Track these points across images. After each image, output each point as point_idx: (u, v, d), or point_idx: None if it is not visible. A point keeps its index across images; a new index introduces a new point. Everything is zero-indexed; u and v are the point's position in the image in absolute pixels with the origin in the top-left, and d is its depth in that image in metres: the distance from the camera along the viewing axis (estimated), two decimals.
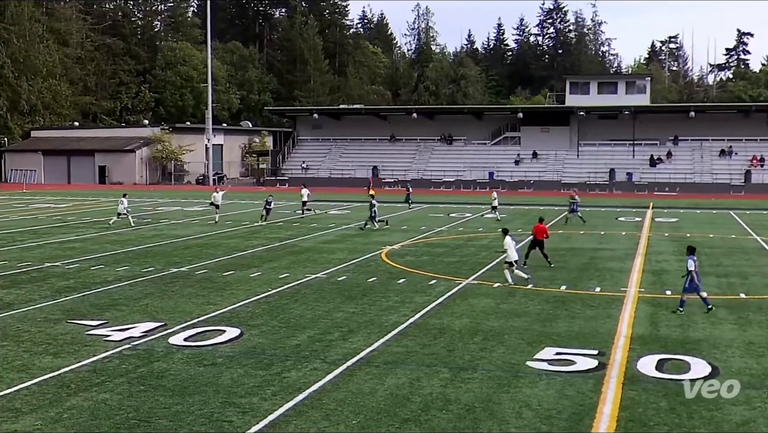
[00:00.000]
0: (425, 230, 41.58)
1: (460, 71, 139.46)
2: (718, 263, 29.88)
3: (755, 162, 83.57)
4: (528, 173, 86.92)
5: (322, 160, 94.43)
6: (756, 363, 15.69)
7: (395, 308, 20.99)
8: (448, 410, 12.81)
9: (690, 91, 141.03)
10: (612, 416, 12.56)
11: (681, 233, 40.03)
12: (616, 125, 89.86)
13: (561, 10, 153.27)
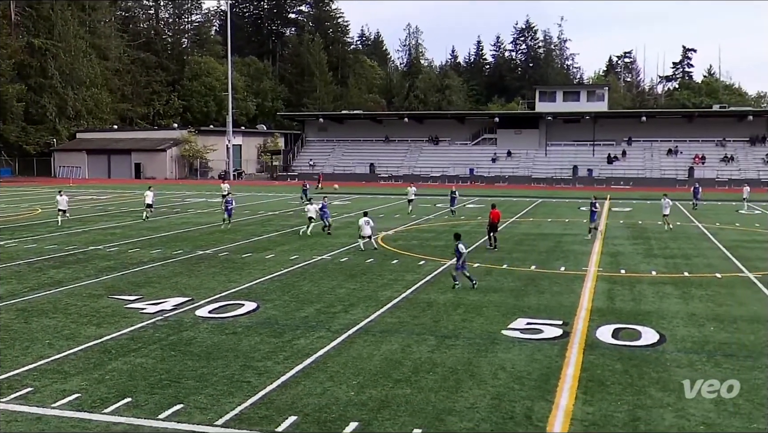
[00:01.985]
0: (415, 218, 41.63)
1: (445, 82, 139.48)
2: (666, 246, 29.99)
3: (697, 160, 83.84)
4: (503, 169, 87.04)
5: (326, 158, 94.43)
6: (697, 332, 15.80)
7: (389, 285, 21.04)
8: (435, 372, 12.88)
9: (642, 99, 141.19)
10: (574, 377, 12.64)
11: (634, 221, 40.18)
12: (579, 128, 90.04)
13: (532, 29, 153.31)
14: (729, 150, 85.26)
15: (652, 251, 28.58)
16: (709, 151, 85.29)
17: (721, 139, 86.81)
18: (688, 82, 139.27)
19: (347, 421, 10.57)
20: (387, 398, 11.57)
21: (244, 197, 57.21)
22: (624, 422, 10.64)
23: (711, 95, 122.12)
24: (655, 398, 11.61)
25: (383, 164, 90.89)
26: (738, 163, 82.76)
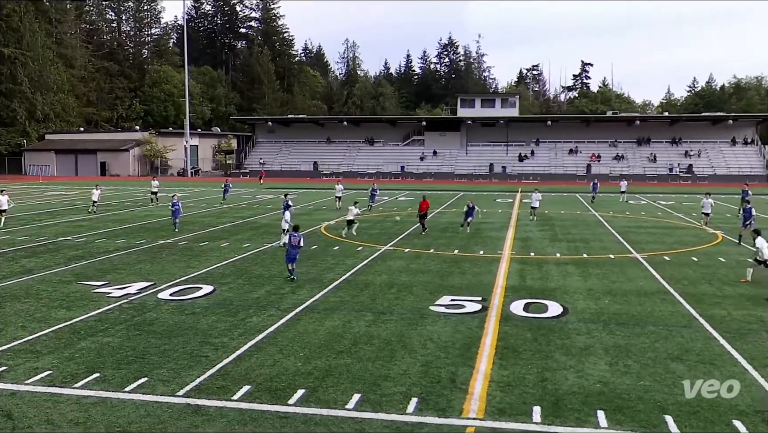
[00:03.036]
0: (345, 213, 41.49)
1: (379, 90, 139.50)
2: (568, 232, 30.68)
3: (593, 158, 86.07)
4: (430, 167, 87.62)
5: (275, 157, 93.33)
6: (594, 304, 16.26)
7: (332, 268, 20.98)
8: (372, 344, 12.94)
9: (547, 106, 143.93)
10: (492, 345, 12.86)
11: (541, 210, 40.94)
12: (494, 131, 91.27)
13: (453, 44, 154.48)
14: (620, 150, 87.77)
15: (556, 236, 29.22)
16: (604, 151, 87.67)
17: (613, 141, 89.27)
18: (586, 91, 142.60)
19: (295, 388, 10.53)
20: (330, 367, 11.57)
21: (201, 192, 56.15)
22: (534, 383, 10.89)
23: (605, 103, 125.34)
24: (559, 362, 11.92)
25: (325, 162, 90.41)
26: (627, 161, 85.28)
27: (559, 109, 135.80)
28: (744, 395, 10.34)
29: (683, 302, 16.41)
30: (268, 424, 9.25)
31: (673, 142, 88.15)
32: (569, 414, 9.63)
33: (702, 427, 9.20)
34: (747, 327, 14.18)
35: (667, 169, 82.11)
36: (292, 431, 9.02)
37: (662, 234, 30.05)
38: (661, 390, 10.55)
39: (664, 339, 13.30)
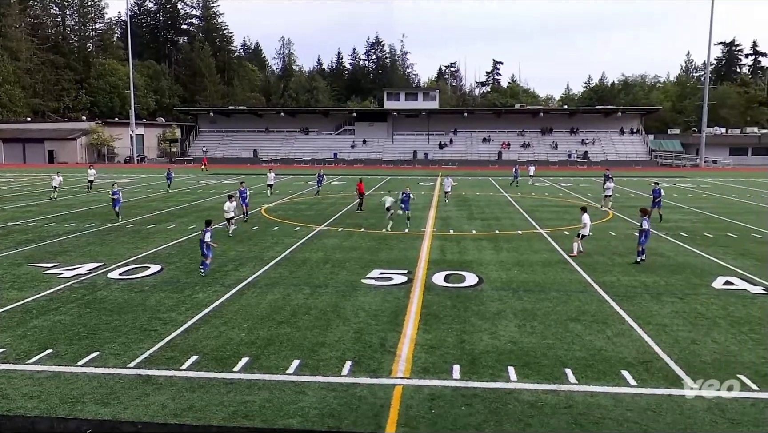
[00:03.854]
0: (291, 193, 41.15)
1: (313, 84, 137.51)
2: (482, 211, 31.28)
3: (504, 146, 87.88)
4: (360, 154, 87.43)
5: (217, 146, 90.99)
6: (505, 275, 16.70)
7: (272, 247, 20.74)
8: (310, 314, 12.91)
9: (464, 100, 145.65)
10: (417, 312, 13.05)
11: (458, 192, 41.60)
12: (417, 122, 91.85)
13: (380, 43, 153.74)
14: (527, 138, 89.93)
15: (472, 215, 29.77)
16: (513, 139, 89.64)
17: (521, 130, 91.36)
18: (497, 87, 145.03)
19: (240, 357, 10.42)
20: (272, 336, 11.49)
21: (147, 178, 54.22)
22: (454, 344, 11.14)
23: (514, 97, 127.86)
24: (476, 325, 12.22)
25: (264, 150, 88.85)
26: (533, 149, 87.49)
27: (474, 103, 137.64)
28: (631, 349, 10.90)
29: (580, 271, 17.06)
30: (215, 390, 9.13)
31: (572, 132, 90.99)
32: (484, 371, 9.91)
33: (596, 377, 9.65)
34: (633, 291, 14.90)
35: (566, 155, 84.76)
36: (237, 395, 8.93)
37: (563, 212, 31.05)
38: (562, 347, 10.98)
39: (564, 303, 13.81)
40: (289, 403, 8.70)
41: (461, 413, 8.41)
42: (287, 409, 8.52)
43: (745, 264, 18.00)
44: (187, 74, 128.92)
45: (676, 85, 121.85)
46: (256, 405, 8.62)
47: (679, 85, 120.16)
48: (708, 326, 12.14)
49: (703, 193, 41.95)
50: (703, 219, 28.10)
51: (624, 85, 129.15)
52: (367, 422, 8.16)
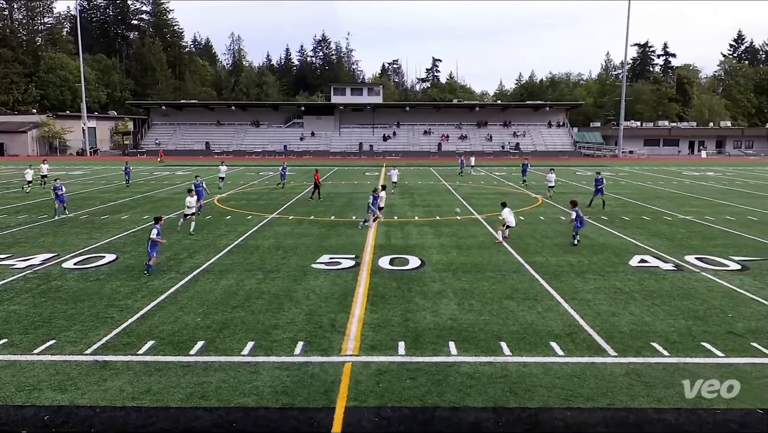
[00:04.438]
0: (242, 183, 40.40)
1: (263, 79, 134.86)
2: (424, 199, 31.56)
3: (443, 138, 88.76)
4: (309, 146, 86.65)
5: (169, 138, 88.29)
6: (445, 257, 16.93)
7: (225, 235, 20.34)
8: (263, 298, 12.76)
9: (406, 95, 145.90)
10: (364, 294, 13.09)
11: (402, 182, 41.77)
12: (363, 115, 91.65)
13: (327, 40, 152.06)
14: (464, 131, 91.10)
15: (415, 202, 30.00)
16: (451, 132, 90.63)
17: (458, 124, 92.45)
18: (437, 83, 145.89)
19: (195, 341, 10.22)
20: (226, 320, 11.31)
21: (100, 170, 52.18)
22: (399, 322, 11.24)
23: (452, 92, 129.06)
24: (419, 305, 12.36)
25: (216, 142, 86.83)
26: (470, 141, 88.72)
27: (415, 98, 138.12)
28: (558, 322, 11.26)
29: (513, 252, 17.47)
30: (172, 373, 8.93)
31: (505, 125, 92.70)
32: (427, 346, 10.05)
33: (527, 349, 9.93)
34: (560, 270, 15.37)
35: (500, 146, 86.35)
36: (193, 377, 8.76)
37: (497, 199, 31.53)
38: (498, 322, 11.24)
39: (499, 282, 14.13)
40: (244, 383, 8.60)
41: (406, 386, 8.52)
42: (242, 388, 8.43)
43: (657, 244, 18.84)
44: (138, 69, 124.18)
45: (597, 82, 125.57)
46: (212, 386, 8.48)
47: (599, 83, 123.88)
48: (625, 300, 12.66)
49: (621, 180, 43.54)
50: (621, 204, 29.19)
51: (551, 82, 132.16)
52: (319, 397, 8.16)
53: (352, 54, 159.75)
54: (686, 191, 35.52)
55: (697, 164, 66.53)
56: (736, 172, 53.03)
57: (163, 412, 7.76)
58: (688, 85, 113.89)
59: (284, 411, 7.79)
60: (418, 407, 7.92)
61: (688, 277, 14.59)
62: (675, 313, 11.81)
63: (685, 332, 10.74)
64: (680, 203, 29.54)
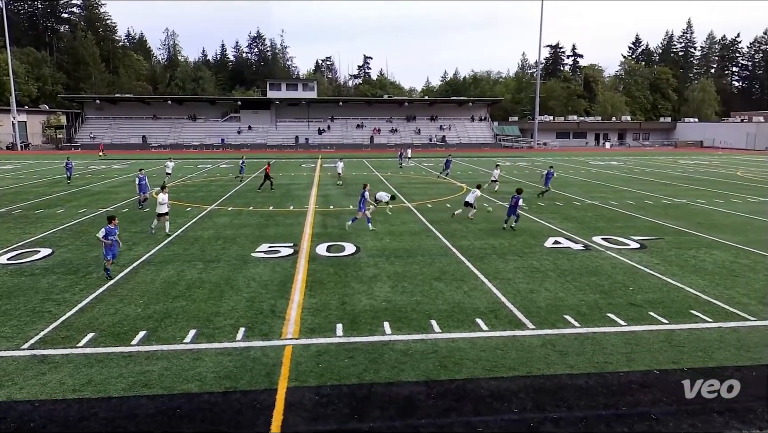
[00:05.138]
0: (181, 176, 38.99)
1: (198, 74, 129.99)
2: (357, 189, 31.30)
3: (375, 131, 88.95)
4: (246, 139, 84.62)
5: (105, 132, 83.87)
6: (379, 243, 17.03)
7: (165, 226, 19.57)
8: (204, 287, 12.42)
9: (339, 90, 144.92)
10: (303, 280, 12.99)
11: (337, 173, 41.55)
12: (298, 110, 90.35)
13: (261, 37, 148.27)
14: (394, 125, 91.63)
15: (349, 193, 29.93)
16: (383, 126, 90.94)
17: (389, 118, 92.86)
18: (368, 79, 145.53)
19: (137, 331, 9.83)
20: (168, 310, 10.94)
21: (32, 164, 48.90)
22: (336, 306, 11.23)
23: (382, 88, 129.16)
24: (355, 288, 12.39)
25: (153, 136, 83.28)
26: (400, 134, 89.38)
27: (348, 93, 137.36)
28: (483, 300, 11.60)
29: (441, 237, 17.80)
30: (114, 363, 8.56)
31: (432, 119, 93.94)
32: (364, 327, 10.11)
33: (456, 325, 10.18)
34: (484, 252, 15.81)
35: (428, 139, 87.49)
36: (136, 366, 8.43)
37: (426, 188, 32.11)
38: (428, 302, 11.45)
39: (429, 265, 14.37)
40: (188, 369, 8.37)
41: (344, 365, 8.54)
42: (186, 375, 8.19)
43: (569, 227, 19.70)
44: (70, 62, 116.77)
45: (515, 80, 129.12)
46: (155, 374, 8.20)
47: (516, 80, 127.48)
48: (541, 278, 13.19)
49: (536, 169, 45.15)
50: (537, 191, 30.30)
51: (473, 80, 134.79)
52: (261, 380, 8.06)
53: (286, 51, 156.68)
54: (593, 179, 37.28)
55: (602, 155, 69.92)
56: (635, 161, 56.14)
57: (105, 402, 7.44)
58: (594, 84, 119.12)
59: (227, 395, 7.65)
60: (356, 384, 7.97)
61: (595, 256, 15.36)
62: (584, 288, 12.42)
63: (593, 304, 11.32)
64: (588, 190, 30.98)
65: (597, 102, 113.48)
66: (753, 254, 15.61)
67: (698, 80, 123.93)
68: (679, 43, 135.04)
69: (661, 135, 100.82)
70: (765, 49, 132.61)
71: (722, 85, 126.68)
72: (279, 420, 7.04)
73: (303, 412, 7.24)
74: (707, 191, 30.29)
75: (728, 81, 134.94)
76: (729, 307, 11.14)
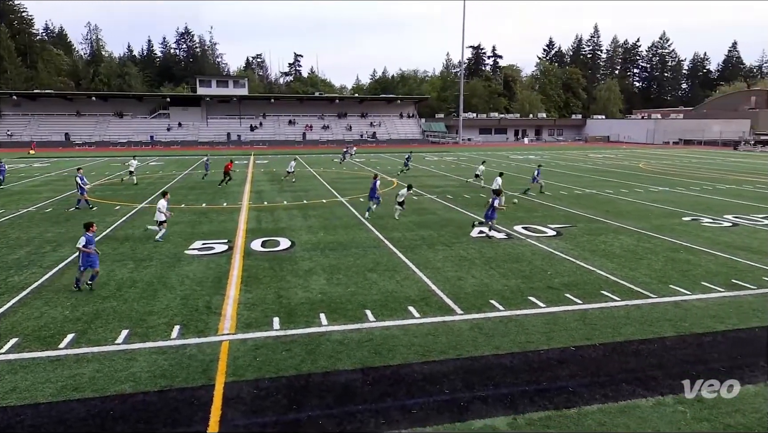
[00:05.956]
0: (109, 174, 36.94)
1: (124, 69, 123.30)
2: (291, 184, 31.10)
3: (307, 128, 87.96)
4: (176, 136, 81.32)
5: (24, 129, 77.97)
6: (314, 238, 16.90)
7: None
8: (136, 287, 11.87)
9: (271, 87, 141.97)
10: (238, 276, 12.69)
11: (270, 169, 40.89)
12: (229, 107, 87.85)
13: (190, 33, 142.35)
14: (326, 121, 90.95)
15: (283, 188, 29.49)
16: (314, 123, 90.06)
17: (321, 115, 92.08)
18: (299, 76, 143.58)
19: (65, 334, 9.26)
20: (98, 311, 10.37)
21: None
22: (272, 300, 11.06)
23: (313, 86, 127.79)
24: (291, 282, 12.25)
25: (77, 134, 78.27)
26: (332, 130, 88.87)
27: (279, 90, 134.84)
28: (415, 289, 11.78)
29: (374, 230, 17.89)
30: (40, 368, 8.02)
31: (362, 116, 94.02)
32: (300, 319, 10.02)
33: (389, 314, 10.29)
34: (414, 244, 16.05)
35: (359, 135, 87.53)
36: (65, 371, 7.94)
37: (358, 182, 32.11)
38: (362, 293, 11.50)
39: (363, 257, 14.42)
40: (120, 370, 7.98)
41: (282, 357, 8.44)
42: (118, 376, 7.81)
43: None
44: None
45: (440, 79, 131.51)
46: (85, 377, 7.76)
47: (441, 79, 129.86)
48: (468, 266, 13.56)
49: (461, 164, 46.25)
50: (462, 184, 31.06)
51: (401, 78, 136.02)
52: (198, 376, 7.82)
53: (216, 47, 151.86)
54: (513, 172, 38.66)
55: (521, 149, 72.61)
56: (551, 155, 58.71)
57: (32, 409, 6.97)
58: (513, 83, 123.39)
59: (163, 393, 7.37)
60: (294, 375, 7.90)
61: (517, 243, 15.97)
62: (507, 274, 12.89)
63: (515, 289, 11.77)
64: (509, 182, 32.08)
65: (516, 100, 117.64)
66: (654, 238, 16.76)
67: (605, 80, 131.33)
68: (587, 46, 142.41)
69: (573, 131, 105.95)
70: (661, 53, 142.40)
71: (625, 85, 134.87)
72: (217, 415, 6.87)
73: (241, 406, 7.10)
74: (614, 182, 32.16)
75: (630, 81, 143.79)
76: (634, 286, 11.92)
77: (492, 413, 6.93)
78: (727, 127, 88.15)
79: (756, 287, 11.88)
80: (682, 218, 20.02)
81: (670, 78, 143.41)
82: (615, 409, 7.06)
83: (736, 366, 8.24)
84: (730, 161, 49.48)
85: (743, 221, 19.45)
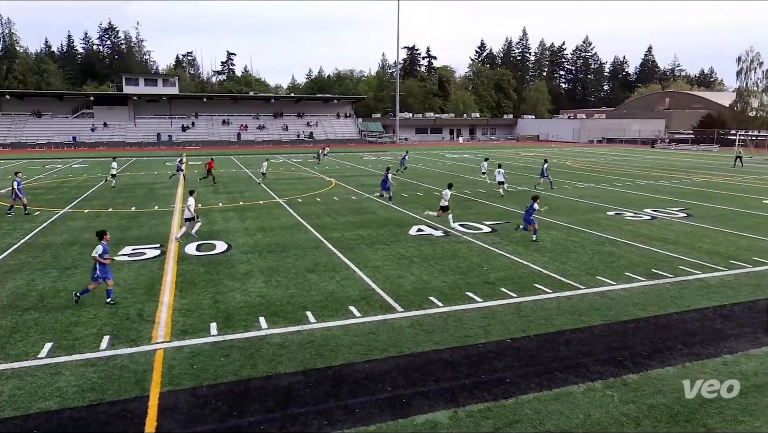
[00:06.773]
0: (26, 178, 34.55)
1: (42, 66, 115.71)
2: (227, 186, 30.32)
3: (242, 128, 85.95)
4: (102, 137, 77.22)
5: None
6: (251, 240, 16.56)
7: (9, 233, 17.30)
8: (60, 296, 11.20)
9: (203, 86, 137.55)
10: (173, 281, 12.24)
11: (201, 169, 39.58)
12: (159, 106, 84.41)
13: (114, 29, 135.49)
14: (261, 121, 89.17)
15: (218, 190, 28.72)
16: (250, 122, 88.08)
17: (256, 114, 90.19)
18: (233, 75, 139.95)
19: None
20: (17, 324, 9.69)
21: None
22: (209, 305, 10.74)
23: (248, 85, 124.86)
24: (228, 286, 11.94)
25: None
26: (267, 130, 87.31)
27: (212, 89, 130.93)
28: (355, 288, 11.78)
29: (313, 231, 17.75)
30: None
31: (299, 116, 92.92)
32: (239, 324, 9.79)
33: (330, 315, 10.24)
34: (353, 243, 16.06)
35: (295, 135, 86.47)
36: None
37: (296, 183, 31.77)
38: (303, 294, 11.38)
39: (302, 258, 14.28)
40: (44, 386, 7.50)
41: (220, 364, 8.22)
42: (42, 392, 7.33)
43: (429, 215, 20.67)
44: None
45: (376, 79, 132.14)
46: (4, 395, 7.24)
47: (378, 79, 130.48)
48: (408, 264, 13.72)
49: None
50: (400, 183, 31.36)
51: (338, 78, 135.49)
52: (131, 388, 7.47)
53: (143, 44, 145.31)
54: (449, 170, 39.46)
55: (456, 148, 74.20)
56: (484, 154, 60.39)
57: None
58: (447, 83, 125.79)
59: (92, 408, 6.99)
60: (233, 381, 7.70)
61: (454, 240, 16.31)
62: (446, 270, 13.14)
63: (454, 285, 12.02)
64: (445, 180, 32.68)
65: (450, 100, 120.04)
66: (581, 232, 17.60)
67: (533, 81, 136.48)
68: (517, 49, 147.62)
69: (505, 130, 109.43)
70: (584, 56, 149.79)
71: (552, 86, 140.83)
72: (153, 427, 6.59)
73: (178, 415, 6.85)
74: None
75: (557, 83, 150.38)
76: (564, 279, 12.47)
77: (433, 408, 7.05)
78: (645, 126, 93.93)
79: (673, 276, 12.73)
80: (607, 213, 21.14)
81: (593, 80, 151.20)
82: (549, 396, 7.36)
83: (657, 350, 8.80)
84: (648, 158, 52.73)
85: (661, 215, 20.79)
